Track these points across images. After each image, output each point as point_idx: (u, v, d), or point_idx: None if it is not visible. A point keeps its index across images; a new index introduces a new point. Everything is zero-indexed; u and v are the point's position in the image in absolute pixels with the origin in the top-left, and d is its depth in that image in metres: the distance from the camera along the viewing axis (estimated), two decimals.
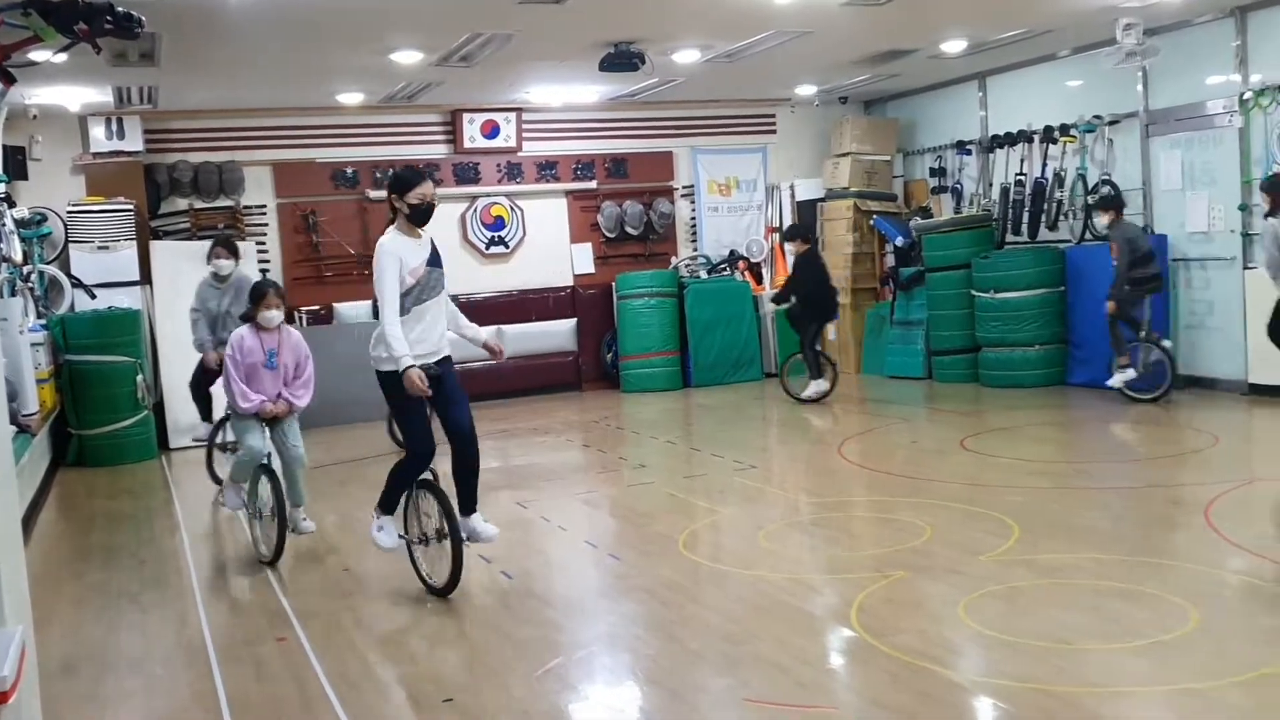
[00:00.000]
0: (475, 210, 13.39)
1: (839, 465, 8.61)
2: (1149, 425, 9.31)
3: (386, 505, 5.85)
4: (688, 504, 7.53)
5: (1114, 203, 10.15)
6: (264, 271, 11.59)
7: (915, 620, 4.90)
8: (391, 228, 5.62)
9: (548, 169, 13.65)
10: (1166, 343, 10.00)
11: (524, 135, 13.38)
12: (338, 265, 12.63)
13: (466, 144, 13.11)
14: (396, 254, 5.46)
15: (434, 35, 9.10)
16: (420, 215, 5.60)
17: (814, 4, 8.44)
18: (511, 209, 13.57)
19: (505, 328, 13.23)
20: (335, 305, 12.54)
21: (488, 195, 13.44)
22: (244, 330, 6.52)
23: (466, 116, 12.99)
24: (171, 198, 12.17)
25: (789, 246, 11.74)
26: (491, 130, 13.19)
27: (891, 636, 4.67)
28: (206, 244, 9.12)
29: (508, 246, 13.57)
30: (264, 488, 6.57)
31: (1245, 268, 10.04)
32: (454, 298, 13.75)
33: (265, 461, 6.52)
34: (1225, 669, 4.12)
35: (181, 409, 10.27)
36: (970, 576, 5.42)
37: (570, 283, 13.78)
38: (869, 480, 8.08)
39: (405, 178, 5.63)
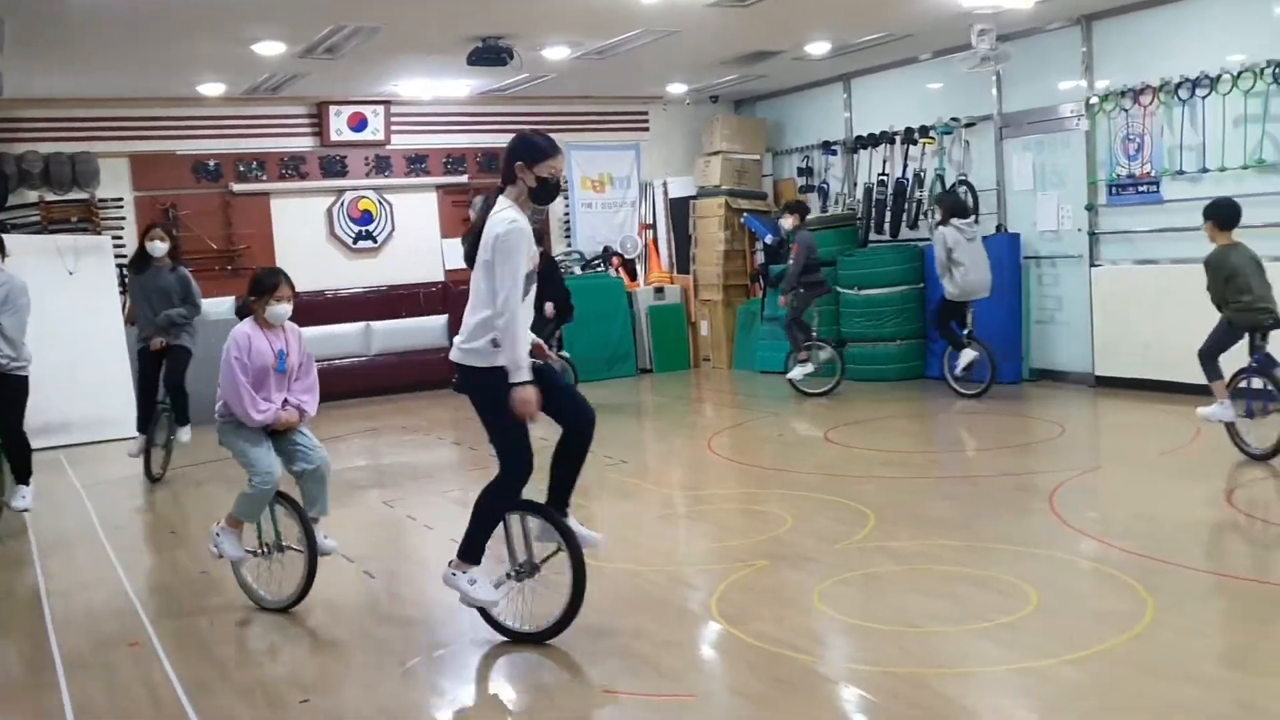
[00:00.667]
0: (342, 204, 13.16)
1: (709, 459, 8.74)
2: (1000, 416, 9.69)
3: (473, 553, 4.76)
4: None
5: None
6: (121, 267, 11.20)
7: (774, 608, 5.02)
8: (507, 199, 4.54)
9: (417, 163, 13.50)
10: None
11: (393, 128, 13.21)
12: (200, 261, 12.26)
13: (333, 137, 12.88)
14: (527, 232, 4.46)
15: (296, 26, 8.92)
16: (545, 193, 4.58)
17: (680, 4, 8.55)
18: (380, 203, 13.38)
19: (374, 324, 13.08)
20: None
21: (355, 189, 13.23)
22: (248, 327, 5.41)
23: (333, 109, 12.76)
24: (20, 190, 11.65)
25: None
26: (359, 123, 12.99)
27: (751, 625, 4.78)
28: (59, 238, 8.82)
29: (376, 241, 13.38)
30: (280, 518, 5.51)
31: (1092, 265, 10.52)
32: (320, 293, 13.58)
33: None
34: (1061, 648, 4.33)
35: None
36: (827, 564, 5.57)
37: (441, 278, 13.66)
38: (737, 473, 8.23)
39: (540, 145, 4.54)
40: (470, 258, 4.68)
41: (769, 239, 13.43)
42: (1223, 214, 7.48)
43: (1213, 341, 7.36)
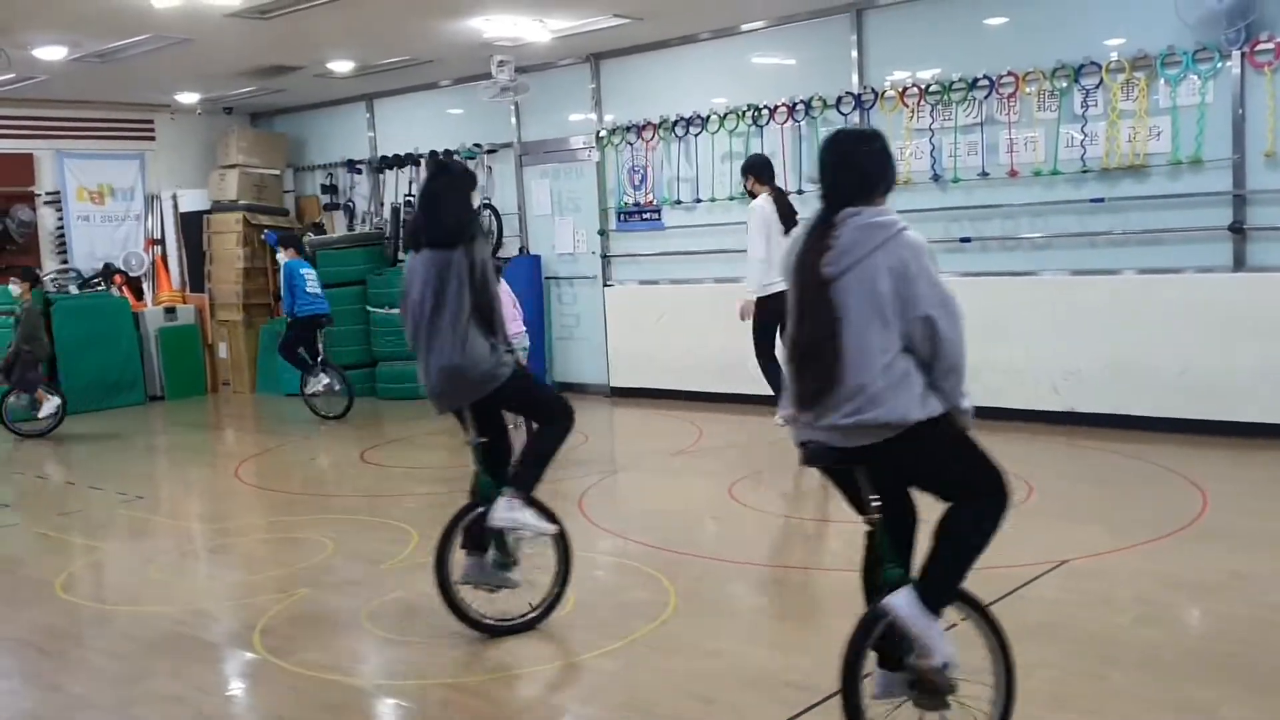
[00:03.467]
0: None
1: (236, 488, 8.35)
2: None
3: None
4: (64, 543, 6.87)
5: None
6: None
7: (319, 635, 4.93)
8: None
9: None
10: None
11: None
12: None
13: None
14: None
15: None
16: None
17: (196, 11, 8.10)
18: None
19: None
20: None
21: None
22: None
23: None
24: None
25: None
26: None
27: (296, 654, 4.66)
28: None
29: None
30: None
31: (605, 285, 11.32)
32: None
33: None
34: (599, 641, 4.65)
35: None
36: (372, 585, 5.56)
37: None
38: (269, 501, 7.92)
39: None
40: None
41: None
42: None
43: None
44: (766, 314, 8.07)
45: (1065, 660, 4.19)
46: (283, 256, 10.96)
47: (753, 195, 8.39)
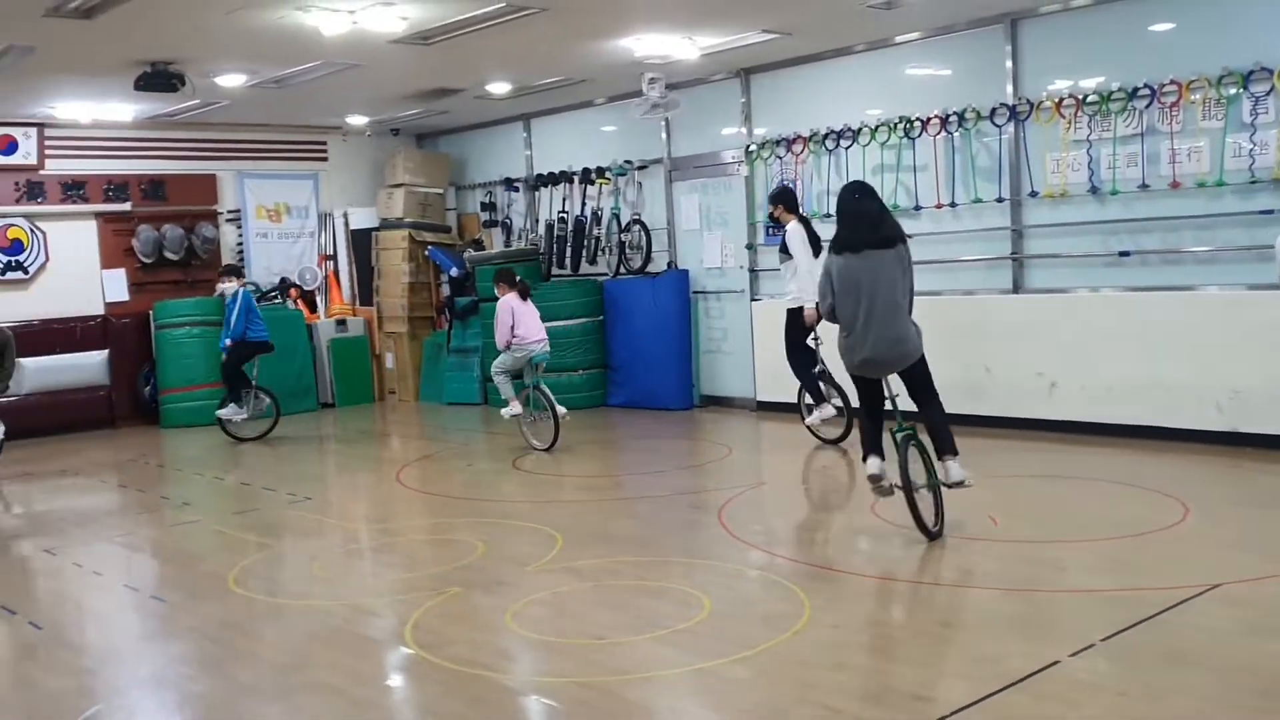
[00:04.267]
0: None
1: (397, 491, 8.75)
2: (676, 440, 10.29)
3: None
4: (239, 540, 7.34)
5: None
6: None
7: (467, 632, 5.16)
8: None
9: (75, 189, 12.65)
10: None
11: (47, 152, 12.33)
12: None
13: None
14: None
15: None
16: None
17: (363, 39, 8.57)
18: (31, 231, 12.44)
19: (25, 361, 12.08)
20: None
21: (3, 217, 12.23)
22: None
23: None
24: None
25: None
26: (8, 146, 12.04)
27: (445, 649, 4.90)
28: None
29: (27, 272, 12.42)
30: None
31: (753, 299, 11.38)
32: None
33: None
34: (731, 649, 4.73)
35: None
36: (518, 586, 5.78)
37: (101, 311, 12.84)
38: (426, 504, 8.29)
39: None
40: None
41: (454, 271, 13.57)
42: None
43: None
44: (801, 325, 9.05)
45: (1211, 688, 4.07)
46: (233, 285, 11.15)
47: (779, 223, 9.25)
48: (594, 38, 9.36)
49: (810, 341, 9.09)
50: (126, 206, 12.99)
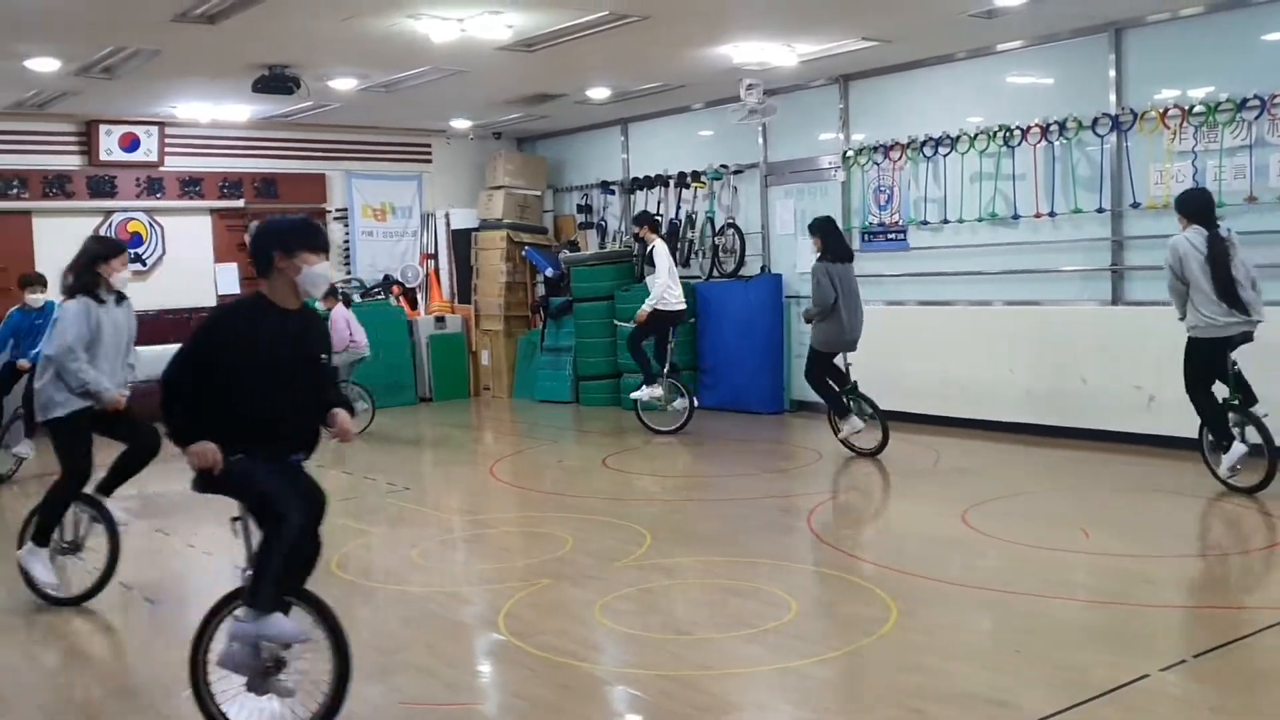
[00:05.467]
0: (110, 226, 12.68)
1: (490, 484, 8.97)
2: (766, 443, 10.36)
3: None
4: (340, 527, 7.59)
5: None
6: None
7: (557, 622, 5.32)
8: None
9: (192, 185, 13.18)
10: None
11: (167, 150, 12.87)
12: None
13: (103, 156, 12.43)
14: None
15: (75, 45, 8.68)
16: None
17: (471, 45, 8.82)
18: (150, 225, 12.99)
19: (142, 349, 12.58)
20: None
21: (125, 210, 12.80)
22: None
23: (104, 128, 12.33)
24: None
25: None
26: (131, 143, 12.59)
27: (535, 637, 5.06)
28: None
29: (145, 264, 12.97)
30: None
31: None
32: None
33: None
34: (816, 649, 4.82)
35: None
36: (607, 581, 5.92)
37: (214, 303, 13.34)
38: (518, 497, 8.49)
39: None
40: None
41: (550, 272, 13.81)
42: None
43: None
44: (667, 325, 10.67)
45: None
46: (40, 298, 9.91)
47: (644, 242, 10.98)
48: (694, 45, 9.49)
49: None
50: (240, 203, 13.49)
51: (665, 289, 10.61)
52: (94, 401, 5.68)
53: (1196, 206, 7.26)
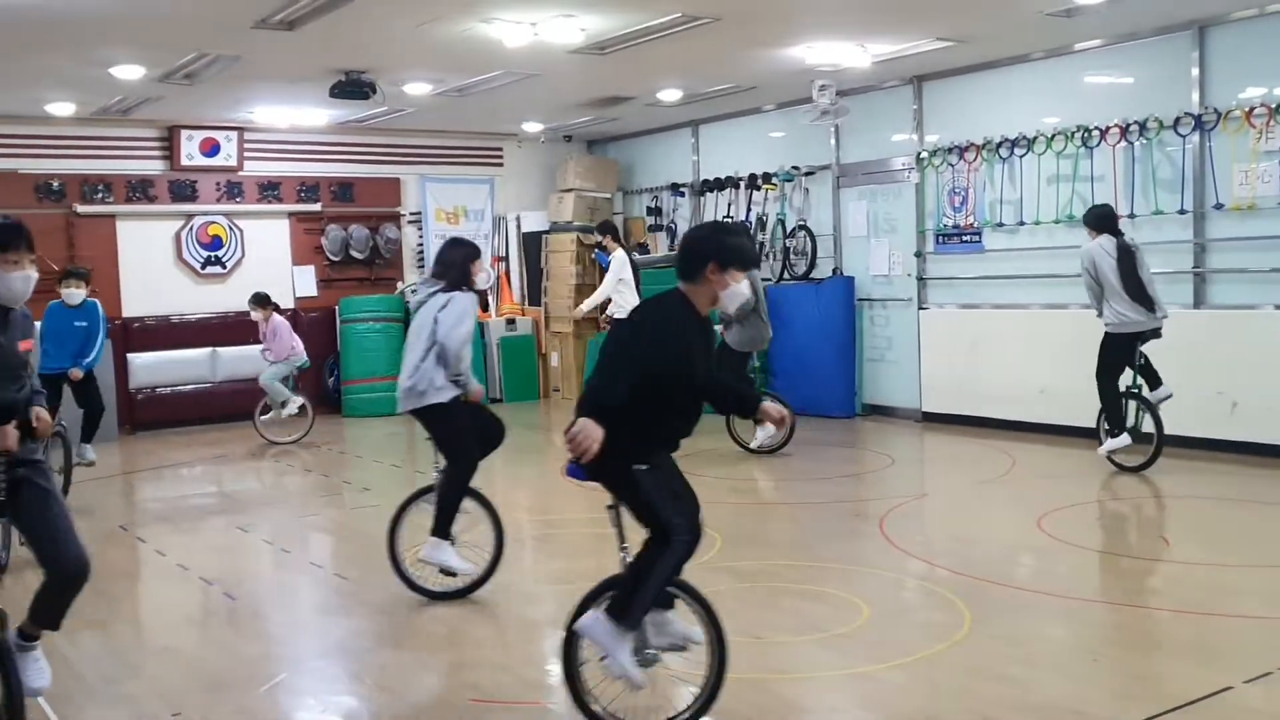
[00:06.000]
0: (191, 229, 13.00)
1: (559, 484, 9.00)
2: (836, 448, 10.28)
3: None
4: (414, 524, 7.68)
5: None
6: None
7: None
8: None
9: (270, 190, 13.45)
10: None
11: (246, 155, 13.13)
12: (41, 281, 11.91)
13: (184, 161, 12.73)
14: None
15: (159, 51, 8.90)
16: None
17: (543, 49, 8.89)
18: (230, 229, 13.27)
19: (221, 350, 12.93)
20: (35, 324, 11.83)
21: (205, 214, 13.09)
22: None
23: (185, 133, 12.63)
24: None
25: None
26: (211, 148, 12.88)
27: None
28: None
29: (225, 267, 13.25)
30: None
31: (920, 308, 11.27)
32: (165, 318, 13.27)
33: None
34: (889, 654, 4.77)
35: None
36: None
37: (291, 305, 13.60)
38: (587, 498, 8.46)
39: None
40: None
41: None
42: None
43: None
44: None
45: None
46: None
47: (606, 251, 11.09)
48: (766, 46, 9.46)
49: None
50: (317, 207, 13.73)
51: (617, 295, 10.90)
52: (461, 391, 5.88)
53: (1103, 219, 8.23)
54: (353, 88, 9.90)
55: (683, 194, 13.98)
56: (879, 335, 11.85)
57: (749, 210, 12.94)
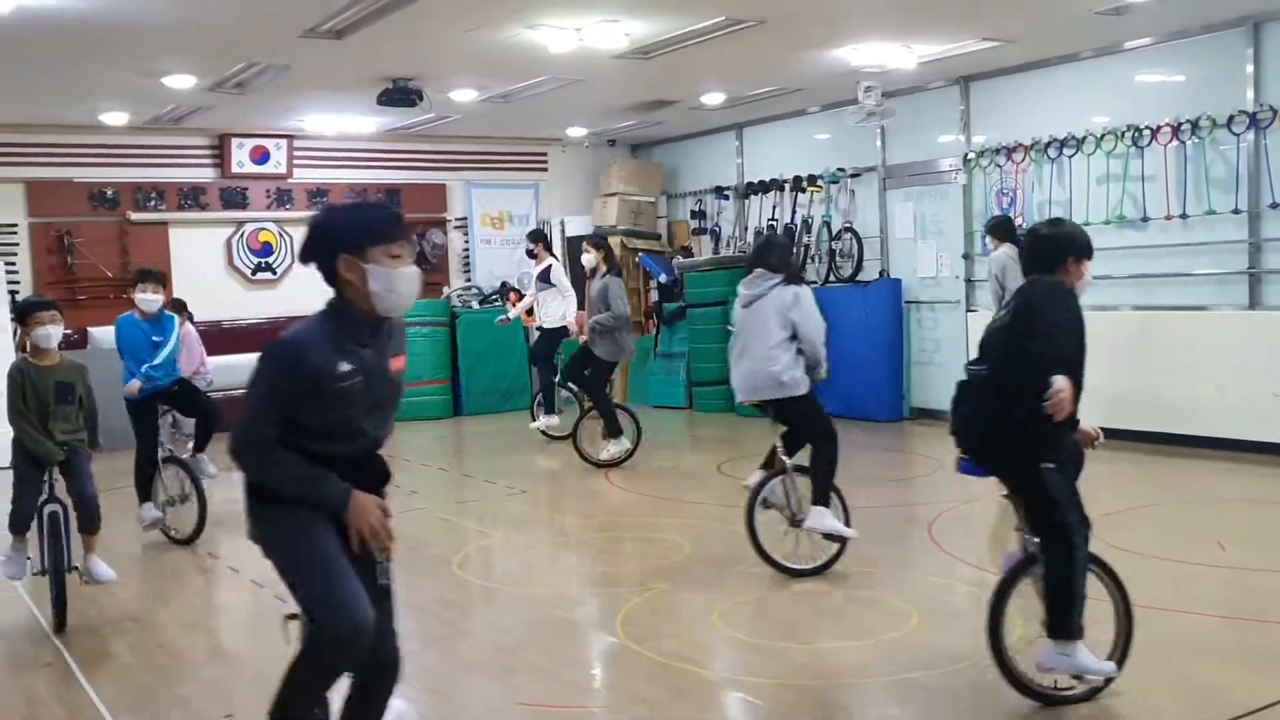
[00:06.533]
0: (242, 235, 13.19)
1: (606, 489, 9.04)
2: (886, 452, 10.22)
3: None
4: (460, 528, 7.76)
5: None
6: (13, 294, 11.07)
7: (674, 627, 5.34)
8: None
9: (319, 196, 13.60)
10: None
11: (295, 162, 13.30)
12: (94, 288, 12.18)
13: (234, 169, 12.92)
14: None
15: (210, 61, 9.05)
16: None
17: (587, 54, 8.92)
18: (280, 235, 13.44)
19: None
20: (90, 330, 12.06)
21: (256, 221, 13.27)
22: None
23: (235, 141, 12.82)
24: None
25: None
26: (261, 156, 13.06)
27: (652, 642, 5.08)
28: None
29: (275, 273, 13.42)
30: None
31: (968, 310, 11.17)
32: (217, 324, 13.46)
33: None
34: (939, 660, 4.73)
35: None
36: (724, 587, 5.91)
37: None
38: (634, 503, 8.54)
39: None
40: None
41: (663, 278, 13.86)
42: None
43: None
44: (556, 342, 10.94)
45: None
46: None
47: (537, 258, 11.10)
48: (810, 48, 9.43)
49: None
50: None
51: (549, 304, 11.03)
52: (813, 378, 6.26)
53: (1005, 228, 9.12)
54: (400, 95, 9.99)
55: (727, 197, 13.97)
56: (926, 338, 11.76)
57: (794, 213, 12.90)
